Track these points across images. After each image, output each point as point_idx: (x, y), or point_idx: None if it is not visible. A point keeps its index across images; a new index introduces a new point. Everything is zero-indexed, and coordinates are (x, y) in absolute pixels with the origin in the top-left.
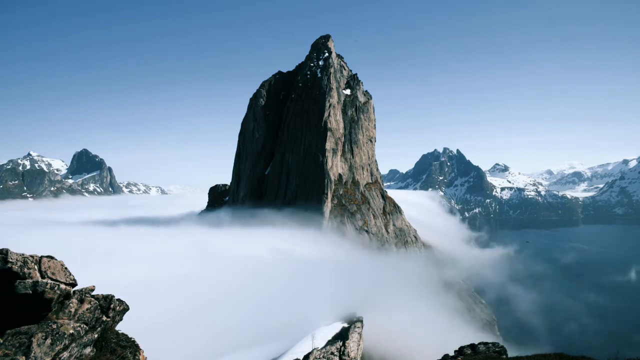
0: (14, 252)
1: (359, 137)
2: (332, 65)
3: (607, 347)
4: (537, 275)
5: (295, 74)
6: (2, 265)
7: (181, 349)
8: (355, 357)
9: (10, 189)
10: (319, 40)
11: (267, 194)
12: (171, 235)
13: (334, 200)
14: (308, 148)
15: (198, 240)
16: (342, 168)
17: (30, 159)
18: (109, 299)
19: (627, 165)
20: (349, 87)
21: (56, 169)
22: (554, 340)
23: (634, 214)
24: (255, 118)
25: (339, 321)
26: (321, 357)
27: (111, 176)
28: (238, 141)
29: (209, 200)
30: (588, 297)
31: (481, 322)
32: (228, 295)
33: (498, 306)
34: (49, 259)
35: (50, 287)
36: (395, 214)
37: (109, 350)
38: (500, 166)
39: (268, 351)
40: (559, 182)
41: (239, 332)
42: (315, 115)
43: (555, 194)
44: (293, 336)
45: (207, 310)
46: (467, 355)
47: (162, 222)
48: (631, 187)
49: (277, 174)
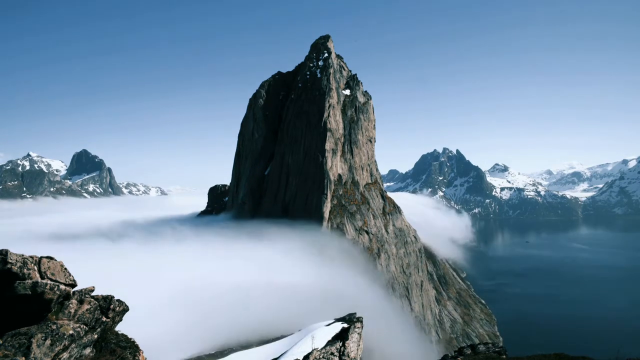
0: (14, 253)
1: (358, 138)
2: (332, 65)
3: (607, 347)
4: (537, 276)
5: (294, 74)
6: (1, 266)
7: (181, 349)
8: (355, 357)
9: (9, 190)
10: (319, 40)
11: (267, 194)
12: (177, 239)
13: (334, 200)
14: (308, 148)
15: (198, 243)
16: (342, 168)
17: (30, 159)
18: (109, 300)
19: (627, 165)
20: (349, 88)
21: (56, 169)
22: (554, 340)
23: (633, 214)
24: (254, 118)
25: (339, 321)
26: (321, 357)
27: (111, 177)
28: (238, 141)
29: (209, 201)
30: (588, 297)
31: (481, 322)
32: (228, 296)
33: (498, 306)
34: (49, 259)
35: (50, 288)
36: (395, 214)
37: (108, 351)
38: (500, 166)
39: (268, 351)
40: (559, 182)
41: (238, 332)
42: (314, 116)
43: (555, 194)
44: (293, 336)
45: (207, 311)
46: (467, 356)
47: (162, 223)
48: (631, 187)
49: (277, 174)
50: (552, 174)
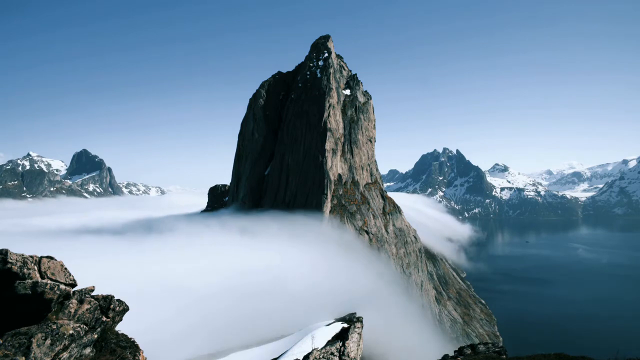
0: (14, 253)
1: (358, 137)
2: (332, 65)
3: (607, 347)
4: (537, 276)
5: (294, 74)
6: (2, 266)
7: (181, 349)
8: (355, 357)
9: (9, 190)
10: (319, 40)
11: (267, 194)
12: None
13: (334, 200)
14: (308, 148)
15: (197, 242)
16: (342, 168)
17: (30, 159)
18: (109, 300)
19: (627, 165)
20: (349, 87)
21: (56, 169)
22: (554, 340)
23: (633, 214)
24: (254, 118)
25: (339, 321)
26: (321, 357)
27: (111, 176)
28: (238, 142)
29: (209, 201)
30: (588, 297)
31: (481, 322)
32: (227, 296)
33: (498, 306)
34: (49, 259)
35: (50, 288)
36: (395, 214)
37: (108, 351)
38: (499, 166)
39: (268, 351)
40: (559, 182)
41: (238, 332)
42: (314, 116)
43: (555, 194)
44: (293, 336)
45: (207, 311)
46: (467, 356)
47: (162, 223)
48: (631, 187)
49: (277, 174)
50: (552, 174)
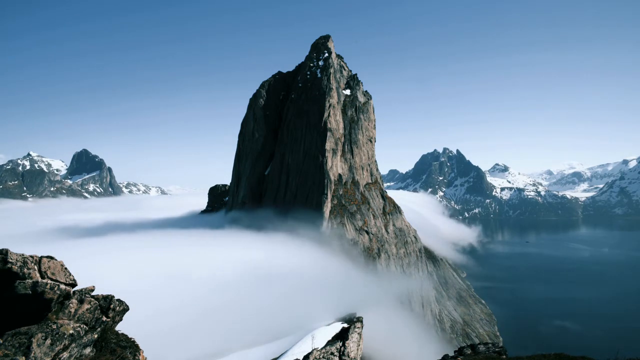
0: (14, 253)
1: (358, 137)
2: (332, 65)
3: (607, 347)
4: (537, 275)
5: (295, 74)
6: (2, 266)
7: (181, 349)
8: (355, 357)
9: (10, 189)
10: (319, 40)
11: (267, 194)
12: (177, 238)
13: (334, 200)
14: (308, 148)
15: (198, 243)
16: (342, 168)
17: (30, 159)
18: (109, 299)
19: (627, 165)
20: (349, 87)
21: (56, 169)
22: (554, 340)
23: (633, 214)
24: (255, 118)
25: (339, 321)
26: (321, 357)
27: (111, 176)
28: (238, 141)
29: (209, 201)
30: (588, 297)
31: (481, 322)
32: (227, 296)
33: (498, 306)
34: (49, 259)
35: (50, 288)
36: (395, 214)
37: (108, 351)
38: (500, 166)
39: (268, 351)
40: (559, 183)
41: (239, 332)
42: (315, 116)
43: (555, 194)
44: (293, 336)
45: (207, 311)
46: (467, 356)
47: (162, 224)
48: (631, 187)
49: (277, 174)
50: (552, 174)
